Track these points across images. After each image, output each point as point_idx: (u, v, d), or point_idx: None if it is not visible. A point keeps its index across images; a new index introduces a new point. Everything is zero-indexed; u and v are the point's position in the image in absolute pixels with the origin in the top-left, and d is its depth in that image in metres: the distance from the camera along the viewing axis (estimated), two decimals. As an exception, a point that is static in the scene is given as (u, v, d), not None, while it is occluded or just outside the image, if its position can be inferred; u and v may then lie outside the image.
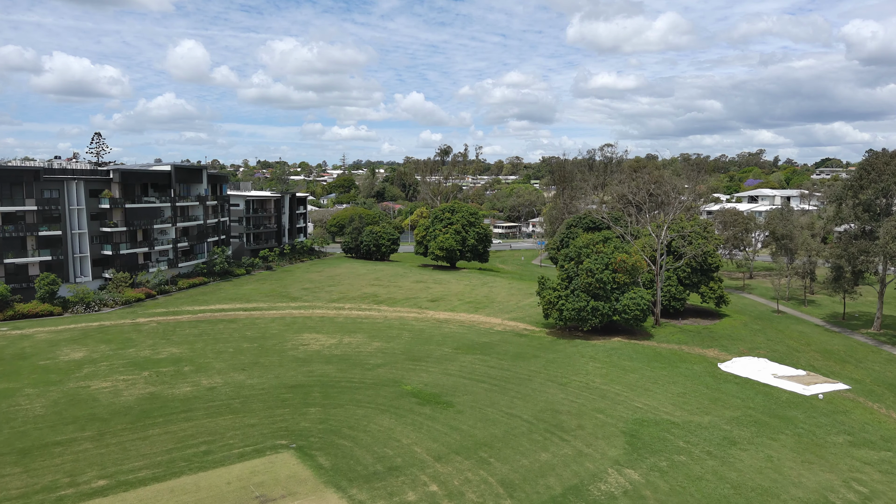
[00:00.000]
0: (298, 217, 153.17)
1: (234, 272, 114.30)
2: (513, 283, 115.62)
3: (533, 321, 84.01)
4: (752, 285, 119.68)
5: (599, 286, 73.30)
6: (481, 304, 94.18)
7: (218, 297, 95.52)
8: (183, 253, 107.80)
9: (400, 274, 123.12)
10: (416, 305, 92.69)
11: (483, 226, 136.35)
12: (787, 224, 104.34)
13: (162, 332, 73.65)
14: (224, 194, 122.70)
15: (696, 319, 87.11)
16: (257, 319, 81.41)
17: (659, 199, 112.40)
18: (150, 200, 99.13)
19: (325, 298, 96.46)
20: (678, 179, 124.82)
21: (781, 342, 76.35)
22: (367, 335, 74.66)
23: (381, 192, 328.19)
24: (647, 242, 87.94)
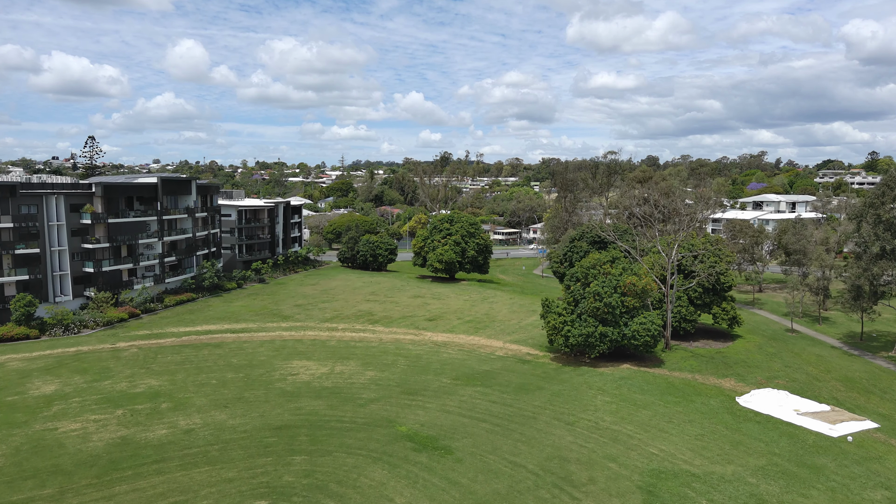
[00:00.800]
0: (293, 226, 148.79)
1: (225, 286, 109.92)
2: (514, 297, 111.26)
3: (536, 344, 79.69)
4: (763, 300, 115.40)
5: (608, 310, 68.97)
6: (481, 324, 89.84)
7: (205, 315, 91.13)
8: (171, 268, 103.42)
9: (397, 287, 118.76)
10: (412, 325, 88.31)
11: (483, 236, 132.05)
12: (800, 239, 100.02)
13: (142, 360, 69.24)
14: (215, 205, 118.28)
15: (707, 341, 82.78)
16: (245, 343, 77.01)
17: (666, 212, 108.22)
18: (135, 214, 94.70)
19: (317, 317, 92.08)
20: (685, 190, 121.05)
21: (800, 369, 72.04)
22: (361, 362, 70.29)
23: (379, 195, 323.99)
24: (655, 260, 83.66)
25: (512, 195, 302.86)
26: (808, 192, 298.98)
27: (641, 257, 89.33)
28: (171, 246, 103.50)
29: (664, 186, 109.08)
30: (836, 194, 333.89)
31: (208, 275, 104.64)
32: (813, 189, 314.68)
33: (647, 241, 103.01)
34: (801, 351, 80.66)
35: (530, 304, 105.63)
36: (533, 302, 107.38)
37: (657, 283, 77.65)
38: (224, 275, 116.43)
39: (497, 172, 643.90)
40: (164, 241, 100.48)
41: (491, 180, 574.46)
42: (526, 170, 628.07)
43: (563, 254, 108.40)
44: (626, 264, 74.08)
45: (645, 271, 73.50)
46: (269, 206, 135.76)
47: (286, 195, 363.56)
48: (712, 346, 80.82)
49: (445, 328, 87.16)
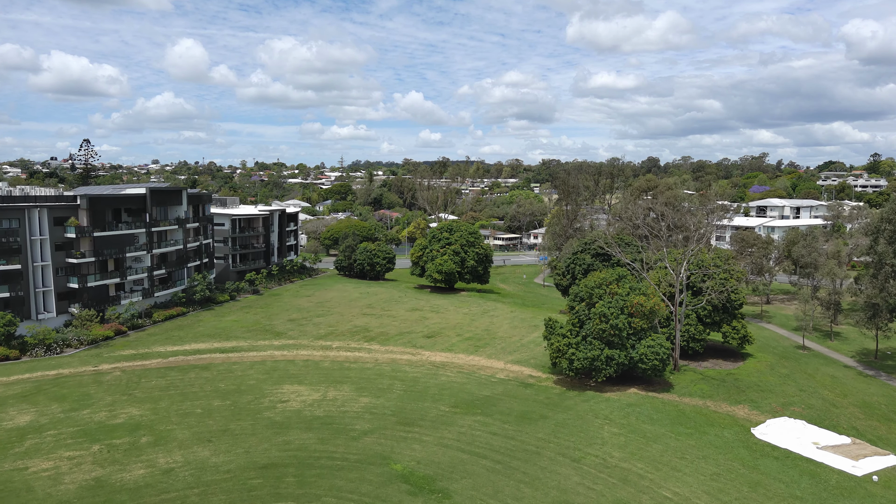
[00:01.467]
0: (289, 234, 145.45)
1: (217, 299, 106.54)
2: (515, 310, 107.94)
3: (539, 364, 76.35)
4: (771, 312, 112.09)
5: (614, 333, 65.64)
6: (482, 341, 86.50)
7: (195, 332, 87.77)
8: (160, 281, 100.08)
9: (395, 299, 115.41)
10: (410, 343, 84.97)
11: (483, 246, 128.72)
12: (811, 251, 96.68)
13: (124, 385, 65.89)
14: (207, 214, 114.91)
15: (717, 361, 79.45)
16: (234, 365, 73.65)
17: (672, 222, 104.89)
18: (122, 227, 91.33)
19: (311, 334, 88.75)
20: (691, 198, 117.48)
21: (815, 393, 68.71)
22: (355, 387, 66.93)
23: (378, 198, 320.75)
24: (662, 277, 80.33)
25: (512, 198, 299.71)
26: (811, 196, 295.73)
27: (647, 272, 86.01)
28: (160, 258, 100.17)
29: (670, 196, 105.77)
30: (840, 197, 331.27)
31: (199, 288, 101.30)
32: (816, 192, 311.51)
33: (652, 254, 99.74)
34: (814, 372, 77.37)
35: (532, 317, 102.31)
36: (535, 315, 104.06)
37: (665, 301, 74.30)
38: (216, 286, 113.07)
39: (497, 174, 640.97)
40: (154, 254, 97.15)
41: (491, 182, 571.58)
42: (526, 171, 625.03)
43: (565, 266, 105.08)
44: (633, 283, 70.71)
45: (652, 290, 70.14)
46: (264, 215, 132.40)
47: (284, 198, 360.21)
48: (722, 366, 77.50)
49: (444, 346, 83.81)
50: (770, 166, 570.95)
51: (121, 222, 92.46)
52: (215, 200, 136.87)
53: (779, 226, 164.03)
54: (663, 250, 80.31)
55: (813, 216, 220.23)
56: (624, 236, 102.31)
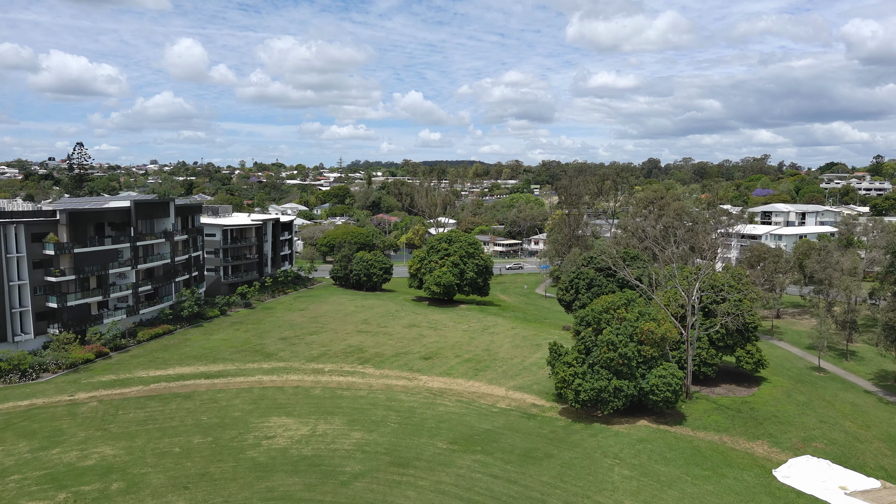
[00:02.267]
0: (283, 244, 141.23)
1: (206, 315, 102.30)
2: (517, 327, 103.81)
3: (542, 391, 72.21)
4: (781, 328, 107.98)
5: (623, 362, 61.52)
6: (482, 364, 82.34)
7: (181, 353, 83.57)
8: (146, 297, 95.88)
9: (391, 313, 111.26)
10: (406, 366, 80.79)
11: (483, 257, 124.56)
12: (825, 267, 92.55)
13: (100, 418, 61.68)
14: (197, 226, 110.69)
15: (730, 387, 75.32)
16: (219, 393, 69.42)
17: (681, 236, 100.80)
18: (105, 241, 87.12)
19: (303, 355, 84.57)
20: (701, 211, 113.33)
21: (836, 424, 64.61)
22: (347, 419, 62.75)
23: (376, 202, 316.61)
24: (672, 296, 76.21)
25: (513, 202, 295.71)
26: (815, 200, 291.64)
27: (656, 291, 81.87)
28: (146, 274, 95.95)
29: (678, 207, 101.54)
30: (844, 201, 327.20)
31: (187, 304, 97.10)
32: (820, 196, 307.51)
33: (659, 269, 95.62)
34: (833, 398, 73.27)
35: (534, 335, 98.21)
36: (537, 333, 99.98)
37: (676, 325, 70.18)
38: (207, 300, 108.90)
39: (497, 175, 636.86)
40: (139, 269, 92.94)
41: (490, 183, 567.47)
42: (526, 172, 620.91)
43: (569, 281, 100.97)
44: (643, 306, 66.58)
45: (663, 315, 66.00)
46: (257, 225, 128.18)
47: (282, 201, 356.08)
48: (736, 392, 73.37)
49: (442, 370, 79.63)
50: (772, 168, 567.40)
51: (104, 237, 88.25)
52: (207, 209, 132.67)
53: (786, 234, 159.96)
54: (673, 268, 76.10)
55: (819, 222, 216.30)
56: (630, 250, 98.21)
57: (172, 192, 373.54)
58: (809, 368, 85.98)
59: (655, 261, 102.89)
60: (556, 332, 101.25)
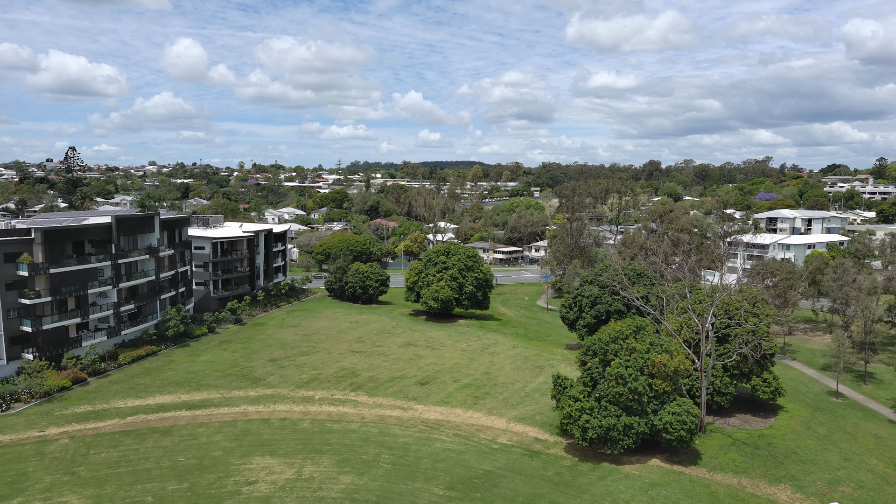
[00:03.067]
0: (276, 255, 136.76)
1: (193, 333, 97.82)
2: (518, 345, 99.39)
3: (545, 422, 67.74)
4: (794, 346, 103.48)
5: (633, 398, 57.07)
6: (481, 389, 77.86)
7: (163, 379, 79.05)
8: (129, 317, 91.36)
9: (387, 330, 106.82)
10: (401, 393, 76.29)
11: (483, 269, 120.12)
12: (842, 285, 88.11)
13: (70, 459, 57.20)
14: (184, 239, 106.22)
15: (745, 417, 70.88)
16: (200, 428, 64.90)
17: (688, 248, 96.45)
18: (84, 260, 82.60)
19: (293, 380, 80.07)
20: (710, 224, 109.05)
21: (862, 463, 60.18)
22: (336, 458, 58.26)
23: (374, 206, 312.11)
24: (684, 322, 71.80)
25: (513, 206, 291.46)
26: (820, 205, 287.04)
27: (665, 314, 77.45)
28: (129, 292, 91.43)
29: (686, 222, 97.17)
30: (849, 205, 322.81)
31: (173, 323, 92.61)
32: (825, 201, 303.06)
33: (666, 287, 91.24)
34: (855, 430, 68.80)
35: (536, 355, 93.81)
36: (539, 352, 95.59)
37: (688, 353, 65.76)
38: (195, 317, 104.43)
39: (497, 177, 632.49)
40: (121, 288, 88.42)
41: (490, 185, 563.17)
42: (526, 174, 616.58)
43: (572, 298, 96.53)
44: (653, 336, 62.16)
45: (676, 346, 61.57)
46: (249, 236, 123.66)
47: (279, 205, 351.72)
48: (752, 423, 68.95)
49: (439, 397, 75.15)
50: (773, 170, 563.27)
51: (83, 255, 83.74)
52: (197, 220, 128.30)
53: (795, 243, 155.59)
54: (685, 289, 71.59)
55: (826, 229, 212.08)
56: (636, 266, 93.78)
57: (168, 195, 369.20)
58: (827, 393, 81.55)
59: (661, 276, 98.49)
60: (559, 352, 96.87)
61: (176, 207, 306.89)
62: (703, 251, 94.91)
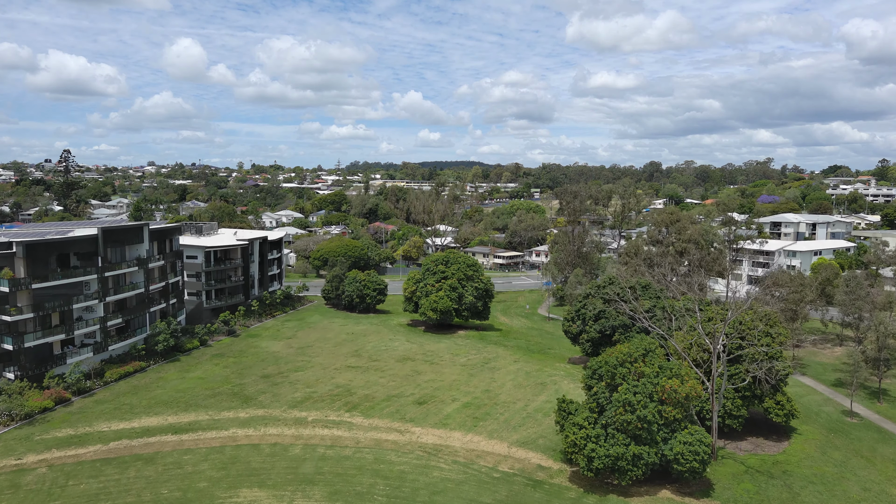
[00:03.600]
0: (272, 263, 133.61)
1: (184, 347, 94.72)
2: (519, 359, 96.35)
3: (548, 447, 64.68)
4: (804, 360, 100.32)
5: (642, 426, 54.01)
6: (481, 409, 74.77)
7: (151, 397, 75.94)
8: (117, 331, 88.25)
9: (384, 343, 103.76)
10: (398, 414, 73.18)
11: (483, 279, 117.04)
12: (855, 300, 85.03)
13: (47, 491, 54.10)
14: (176, 249, 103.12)
15: (757, 440, 67.87)
16: (186, 455, 61.77)
17: (696, 261, 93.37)
18: (69, 274, 79.49)
19: (285, 399, 76.97)
20: (718, 234, 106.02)
21: (882, 493, 57.21)
22: (328, 490, 55.19)
23: (373, 209, 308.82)
24: (693, 339, 68.78)
25: (513, 209, 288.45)
26: (823, 208, 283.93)
27: (673, 330, 74.47)
28: (117, 305, 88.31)
29: (695, 232, 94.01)
30: (853, 209, 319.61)
31: (162, 337, 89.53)
32: (828, 204, 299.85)
33: (673, 298, 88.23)
34: (872, 454, 65.81)
35: (538, 370, 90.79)
36: (541, 367, 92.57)
37: (700, 376, 62.74)
38: (186, 329, 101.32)
39: (497, 178, 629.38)
40: (108, 302, 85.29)
41: (490, 186, 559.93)
42: (525, 175, 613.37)
43: (575, 311, 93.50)
44: (662, 360, 59.11)
45: (687, 369, 58.54)
46: (243, 245, 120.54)
47: (277, 207, 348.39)
48: (765, 447, 65.94)
49: (438, 419, 72.05)
50: (775, 171, 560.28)
51: (68, 268, 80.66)
52: (189, 227, 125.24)
53: (801, 250, 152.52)
54: (694, 306, 68.50)
55: (830, 233, 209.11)
56: (641, 279, 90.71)
57: (165, 198, 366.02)
58: (841, 413, 78.50)
59: (666, 287, 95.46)
60: (562, 367, 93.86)
61: (172, 210, 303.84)
62: (710, 262, 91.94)
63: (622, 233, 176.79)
